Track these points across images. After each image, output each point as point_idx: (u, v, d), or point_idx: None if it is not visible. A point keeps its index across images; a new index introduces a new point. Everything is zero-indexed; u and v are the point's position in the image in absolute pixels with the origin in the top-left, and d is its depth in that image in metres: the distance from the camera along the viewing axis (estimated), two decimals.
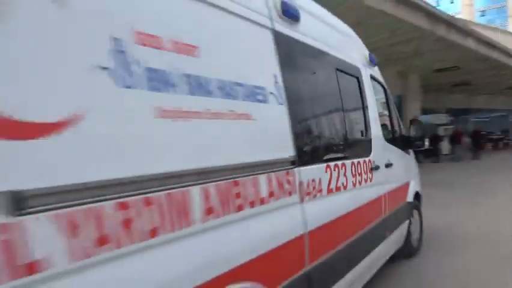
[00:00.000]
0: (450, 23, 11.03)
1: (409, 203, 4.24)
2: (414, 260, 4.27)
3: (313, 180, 2.22)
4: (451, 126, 22.74)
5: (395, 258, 4.00)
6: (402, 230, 3.99)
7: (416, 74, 18.76)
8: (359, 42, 3.65)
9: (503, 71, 18.95)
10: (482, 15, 75.03)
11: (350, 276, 2.61)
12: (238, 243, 1.61)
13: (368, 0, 8.38)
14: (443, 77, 20.16)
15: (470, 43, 12.50)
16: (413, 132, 4.34)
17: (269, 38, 2.01)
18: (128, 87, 1.21)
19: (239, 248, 1.60)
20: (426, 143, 10.87)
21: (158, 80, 1.31)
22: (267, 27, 2.00)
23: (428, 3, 10.63)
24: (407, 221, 4.18)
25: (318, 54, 2.57)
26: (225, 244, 1.54)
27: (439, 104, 24.63)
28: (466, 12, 70.01)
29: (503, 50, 15.12)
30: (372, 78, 3.66)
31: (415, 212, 4.49)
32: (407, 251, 4.27)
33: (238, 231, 1.62)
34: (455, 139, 20.02)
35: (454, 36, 11.47)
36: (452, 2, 76.92)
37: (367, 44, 3.87)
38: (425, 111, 22.12)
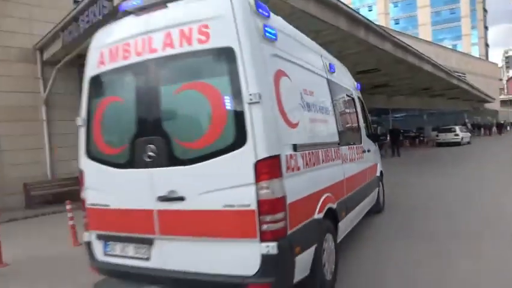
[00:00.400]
0: (368, 26, 11.40)
1: (378, 177, 6.49)
2: (381, 214, 6.71)
3: (345, 154, 4.38)
4: (374, 125, 23.99)
5: (370, 213, 6.17)
6: (375, 193, 6.21)
7: None
8: (350, 74, 5.93)
9: (418, 73, 20.42)
10: (397, 23, 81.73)
11: (357, 209, 4.81)
12: (333, 175, 3.85)
13: (292, 0, 8.24)
14: (365, 78, 21.16)
15: (388, 47, 13.11)
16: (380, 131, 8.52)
17: (325, 82, 4.19)
18: (306, 108, 3.38)
19: (332, 177, 3.82)
20: (388, 138, 17.06)
21: (309, 106, 3.46)
22: (324, 77, 4.19)
23: (348, 6, 10.89)
24: (377, 188, 6.41)
25: (341, 88, 4.85)
26: (331, 174, 3.82)
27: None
28: (383, 20, 75.66)
29: (416, 54, 16.19)
30: (358, 98, 5.90)
31: (381, 184, 6.71)
32: (377, 209, 6.50)
33: (330, 170, 3.81)
34: None
35: (372, 40, 11.88)
36: (370, 10, 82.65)
37: None
38: None
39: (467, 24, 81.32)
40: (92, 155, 3.24)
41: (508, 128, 47.97)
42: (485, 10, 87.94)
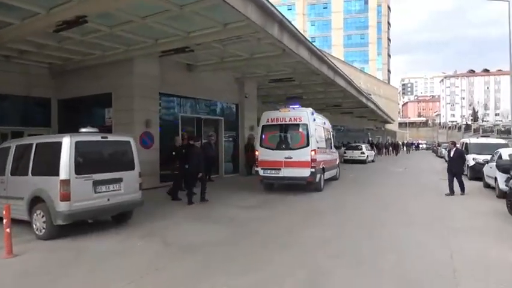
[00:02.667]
0: (283, 23, 9.79)
1: (337, 164, 15.63)
2: (338, 181, 15.11)
3: (328, 151, 14.03)
4: None
5: (334, 179, 14.69)
6: (336, 170, 15.23)
7: (254, 83, 17.84)
8: (328, 121, 15.19)
9: (331, 88, 19.82)
10: (313, 41, 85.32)
11: (331, 171, 14.14)
12: (325, 158, 13.11)
13: None
14: (278, 89, 20.00)
15: (304, 53, 11.74)
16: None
17: (324, 128, 13.82)
18: (320, 136, 12.80)
19: (325, 158, 13.00)
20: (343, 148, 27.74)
21: (321, 136, 12.92)
22: (324, 128, 13.80)
23: None
24: (337, 168, 15.44)
25: (327, 129, 14.32)
26: (325, 157, 13.07)
27: None
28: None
29: (331, 66, 15.31)
30: (330, 130, 14.99)
31: (338, 167, 15.73)
32: (336, 178, 15.03)
33: (324, 155, 13.16)
34: None
35: (287, 41, 10.33)
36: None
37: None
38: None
39: (374, 50, 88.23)
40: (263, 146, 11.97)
41: (404, 148, 51.74)
42: (389, 39, 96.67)
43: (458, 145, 13.78)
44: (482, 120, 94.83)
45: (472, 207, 9.28)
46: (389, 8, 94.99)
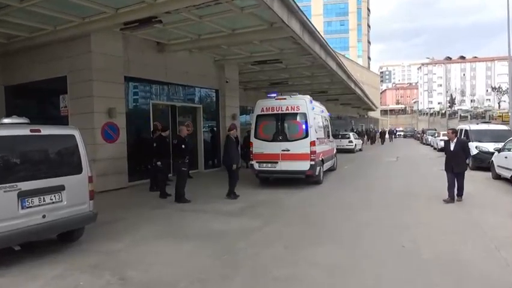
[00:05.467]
0: None
1: (335, 154, 14.70)
2: (336, 171, 14.37)
3: (326, 141, 12.95)
4: None
5: (329, 171, 13.26)
6: (333, 161, 14.21)
7: (235, 66, 15.93)
8: (325, 109, 14.14)
9: (320, 71, 18.15)
10: (329, 26, 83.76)
11: (328, 163, 12.84)
12: (324, 148, 12.10)
13: None
14: (262, 72, 18.18)
15: (295, 26, 9.90)
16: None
17: (322, 117, 12.66)
18: (318, 126, 11.66)
19: (324, 149, 12.02)
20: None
21: (319, 125, 11.81)
22: (322, 117, 12.61)
23: None
24: (334, 158, 14.53)
25: (323, 117, 12.88)
26: (323, 148, 12.05)
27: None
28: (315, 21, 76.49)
29: (324, 45, 13.57)
30: (328, 119, 13.95)
31: (335, 157, 14.86)
32: (334, 168, 14.33)
33: (324, 146, 12.21)
34: None
35: (277, 8, 8.44)
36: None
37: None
38: (243, 111, 19.88)
39: (354, 37, 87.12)
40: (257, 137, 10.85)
41: (387, 135, 50.43)
42: (369, 26, 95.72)
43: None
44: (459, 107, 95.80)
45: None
46: None
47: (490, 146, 13.57)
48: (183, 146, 8.66)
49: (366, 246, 5.38)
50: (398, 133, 57.15)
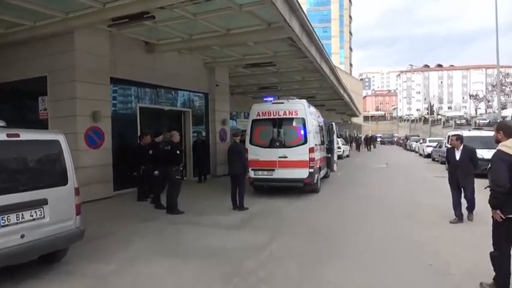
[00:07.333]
0: None
1: (336, 161, 14.35)
2: (329, 179, 13.54)
3: (321, 148, 12.05)
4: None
5: (323, 178, 12.42)
6: (326, 168, 13.06)
7: (225, 69, 15.34)
8: (321, 115, 13.82)
9: (311, 76, 17.76)
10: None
11: (322, 171, 12.08)
12: (320, 155, 11.35)
13: None
14: (252, 76, 17.65)
15: (295, 24, 9.38)
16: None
17: (318, 122, 12.13)
18: (315, 131, 10.89)
19: (319, 155, 11.17)
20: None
21: (316, 130, 11.16)
22: (318, 122, 12.08)
23: None
24: (325, 166, 13.36)
25: (319, 122, 12.43)
26: (320, 155, 11.48)
27: (245, 108, 22.36)
28: None
29: (319, 48, 13.15)
30: (322, 126, 12.99)
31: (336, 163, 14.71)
32: (327, 176, 13.45)
33: (319, 152, 11.36)
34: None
35: (280, 4, 7.91)
36: None
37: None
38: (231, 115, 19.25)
39: (337, 43, 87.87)
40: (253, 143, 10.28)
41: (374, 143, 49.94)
42: (350, 33, 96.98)
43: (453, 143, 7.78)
44: (438, 114, 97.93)
45: None
46: (350, 1, 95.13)
47: (484, 153, 13.41)
48: (178, 152, 8.00)
49: (390, 264, 4.86)
50: (377, 139, 56.22)
